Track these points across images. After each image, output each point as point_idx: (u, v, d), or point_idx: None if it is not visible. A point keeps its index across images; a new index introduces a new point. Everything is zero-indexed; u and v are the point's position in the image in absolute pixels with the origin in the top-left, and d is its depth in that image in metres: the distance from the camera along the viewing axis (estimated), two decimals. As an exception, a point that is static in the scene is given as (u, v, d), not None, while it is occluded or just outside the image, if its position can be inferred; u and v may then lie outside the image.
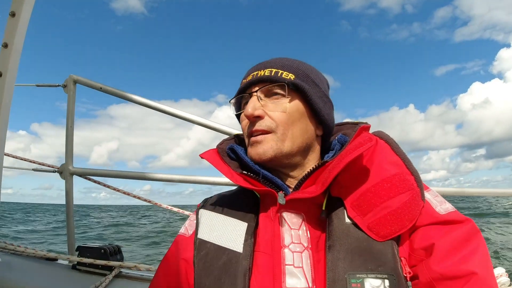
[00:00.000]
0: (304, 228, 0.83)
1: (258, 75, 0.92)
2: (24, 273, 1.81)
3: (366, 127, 0.90)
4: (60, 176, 2.09)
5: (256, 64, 0.98)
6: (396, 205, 0.77)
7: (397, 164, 0.84)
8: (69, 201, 2.06)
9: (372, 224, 0.77)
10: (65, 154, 2.09)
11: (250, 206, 0.90)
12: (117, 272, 1.79)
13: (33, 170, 2.29)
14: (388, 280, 0.71)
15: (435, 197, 0.84)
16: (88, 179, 2.13)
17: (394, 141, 0.90)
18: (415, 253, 0.77)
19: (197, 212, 0.98)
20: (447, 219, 0.78)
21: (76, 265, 1.86)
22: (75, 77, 2.12)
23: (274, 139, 0.88)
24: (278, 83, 0.89)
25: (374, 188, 0.80)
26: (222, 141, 1.03)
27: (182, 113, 2.08)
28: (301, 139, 0.90)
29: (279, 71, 0.91)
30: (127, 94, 2.11)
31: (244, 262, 0.80)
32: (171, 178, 2.02)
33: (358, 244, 0.76)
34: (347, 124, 1.01)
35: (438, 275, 0.71)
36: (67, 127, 2.10)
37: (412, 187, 0.80)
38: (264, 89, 0.91)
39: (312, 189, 0.83)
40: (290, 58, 0.97)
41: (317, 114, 0.92)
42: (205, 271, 0.83)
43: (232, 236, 0.86)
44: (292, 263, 0.79)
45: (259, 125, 0.89)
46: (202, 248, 0.87)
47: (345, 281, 0.71)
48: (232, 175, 0.89)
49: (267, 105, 0.90)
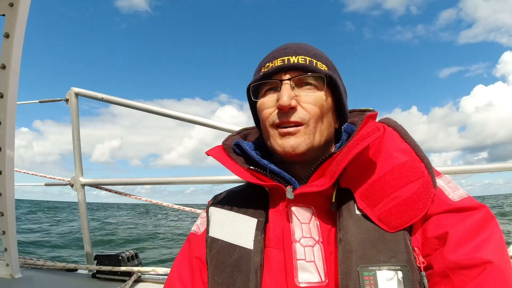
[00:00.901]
0: (314, 222, 0.82)
1: (290, 61, 0.86)
2: (45, 286, 1.85)
3: (373, 115, 0.88)
4: (71, 189, 2.13)
5: (281, 47, 0.92)
6: (407, 195, 0.75)
7: (406, 151, 0.81)
8: (82, 212, 2.09)
9: (383, 215, 0.75)
10: (75, 167, 2.12)
11: (259, 201, 0.90)
12: (136, 277, 1.83)
13: (45, 185, 2.34)
14: (401, 271, 0.69)
15: (447, 183, 0.82)
16: (100, 188, 2.17)
17: (403, 127, 0.87)
18: (428, 242, 0.75)
19: (208, 209, 0.97)
20: (461, 206, 0.76)
21: (96, 273, 1.91)
22: (76, 90, 2.14)
23: (306, 133, 0.84)
24: (315, 74, 0.85)
25: (383, 178, 0.78)
26: (228, 137, 1.01)
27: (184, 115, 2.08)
28: (327, 132, 0.88)
29: (313, 61, 0.86)
30: (128, 102, 2.13)
31: (256, 258, 0.80)
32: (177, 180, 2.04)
33: (369, 235, 0.74)
34: (354, 112, 0.98)
35: (452, 264, 0.69)
36: (73, 140, 2.13)
37: (423, 175, 0.77)
38: (297, 79, 0.85)
39: (321, 182, 0.81)
40: (311, 46, 0.92)
41: (340, 109, 0.91)
42: (217, 268, 0.83)
43: (242, 232, 0.85)
44: (304, 258, 0.78)
45: (293, 117, 0.84)
46: (214, 246, 0.87)
47: (358, 274, 0.70)
48: (239, 171, 0.89)
49: (300, 96, 0.85)
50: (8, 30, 1.36)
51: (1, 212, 1.70)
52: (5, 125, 1.52)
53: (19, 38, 1.39)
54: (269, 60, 0.89)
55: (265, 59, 0.92)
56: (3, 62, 1.41)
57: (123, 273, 1.84)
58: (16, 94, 1.50)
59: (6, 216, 1.70)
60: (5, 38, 1.37)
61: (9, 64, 1.41)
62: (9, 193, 1.68)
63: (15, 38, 1.37)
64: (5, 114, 1.50)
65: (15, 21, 1.34)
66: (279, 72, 0.86)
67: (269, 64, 0.88)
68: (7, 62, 1.41)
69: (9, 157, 1.60)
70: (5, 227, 1.72)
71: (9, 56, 1.39)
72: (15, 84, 1.47)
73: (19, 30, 1.37)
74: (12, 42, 1.37)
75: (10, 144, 1.59)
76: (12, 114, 1.53)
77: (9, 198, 1.69)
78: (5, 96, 1.47)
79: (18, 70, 1.46)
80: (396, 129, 0.87)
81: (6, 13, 1.35)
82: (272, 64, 0.88)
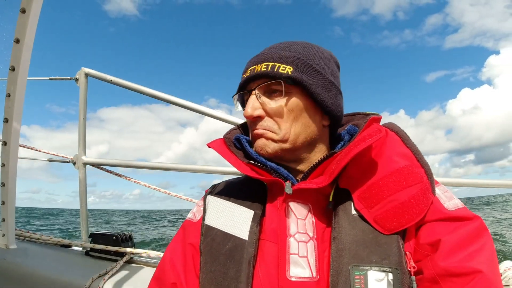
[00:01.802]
0: (310, 218, 0.82)
1: (255, 70, 0.88)
2: (39, 259, 1.89)
3: (377, 119, 0.88)
4: (73, 166, 2.17)
5: (254, 56, 0.94)
6: (404, 198, 0.76)
7: (407, 156, 0.82)
8: (82, 190, 2.12)
9: (379, 217, 0.76)
10: (78, 145, 2.16)
11: (257, 194, 0.91)
12: (128, 258, 1.85)
13: (47, 161, 2.38)
14: (392, 273, 0.70)
15: (444, 192, 0.82)
16: (101, 168, 2.20)
17: (405, 133, 0.88)
18: (420, 248, 0.76)
19: (205, 198, 0.99)
20: (455, 215, 0.76)
21: (89, 251, 1.94)
22: (87, 70, 2.17)
23: (274, 137, 0.87)
24: (275, 80, 0.86)
25: (382, 180, 0.79)
26: (230, 130, 1.03)
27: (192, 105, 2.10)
28: (304, 134, 0.89)
29: (276, 65, 0.86)
30: (137, 86, 2.15)
31: (249, 249, 0.81)
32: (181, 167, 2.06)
33: (364, 236, 0.75)
34: (358, 115, 0.99)
35: (443, 271, 0.70)
36: (80, 119, 2.16)
37: (422, 180, 0.78)
38: (263, 87, 0.88)
39: (320, 180, 0.82)
40: (290, 43, 0.93)
41: (321, 105, 0.89)
42: (211, 256, 0.84)
43: (238, 223, 0.86)
44: (297, 253, 0.79)
45: (260, 125, 0.88)
46: (209, 234, 0.88)
47: (349, 273, 0.71)
48: (239, 165, 0.89)
49: (267, 104, 0.88)
50: (25, 6, 1.39)
51: (3, 183, 1.74)
52: (14, 98, 1.56)
53: (35, 14, 1.42)
54: (244, 71, 0.93)
55: (244, 67, 0.95)
56: (18, 36, 1.44)
57: (116, 253, 1.86)
58: (27, 68, 1.54)
59: (7, 187, 1.73)
60: (21, 13, 1.39)
61: (23, 39, 1.44)
62: (12, 164, 1.71)
63: (31, 14, 1.40)
64: (15, 87, 1.53)
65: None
66: (248, 82, 0.91)
67: (243, 75, 0.92)
68: (21, 36, 1.44)
69: (15, 130, 1.64)
70: (5, 198, 1.76)
71: (24, 31, 1.42)
72: (28, 59, 1.50)
73: (36, 6, 1.40)
74: (28, 17, 1.40)
75: (17, 117, 1.63)
76: (21, 88, 1.57)
77: (11, 169, 1.72)
78: (17, 69, 1.50)
79: (31, 45, 1.48)
80: (398, 134, 0.87)
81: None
82: (244, 74, 0.92)
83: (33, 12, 1.39)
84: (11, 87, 1.54)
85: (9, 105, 1.58)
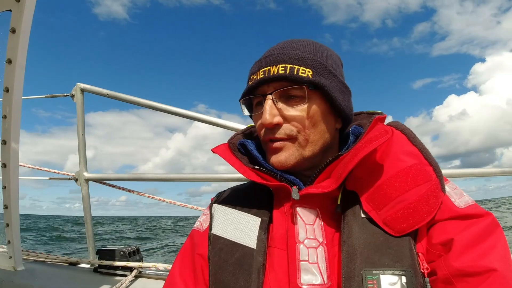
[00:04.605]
0: (319, 223, 0.80)
1: (271, 72, 0.82)
2: (47, 279, 1.88)
3: (382, 118, 0.85)
4: (75, 183, 2.15)
5: (265, 55, 0.88)
6: (413, 198, 0.73)
7: (414, 154, 0.80)
8: (86, 207, 2.11)
9: (388, 218, 0.74)
10: (79, 162, 2.15)
11: (263, 200, 0.88)
12: (137, 272, 1.84)
13: (49, 179, 2.36)
14: (405, 276, 0.68)
15: (454, 190, 0.80)
16: (104, 183, 2.19)
17: (411, 131, 0.85)
18: (433, 248, 0.74)
19: (211, 206, 0.96)
20: (467, 213, 0.75)
21: (97, 268, 1.93)
22: (82, 86, 2.17)
23: (295, 146, 0.83)
24: (297, 85, 0.81)
25: (389, 181, 0.77)
26: (234, 135, 1.00)
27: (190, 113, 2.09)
28: (322, 140, 0.86)
29: (295, 67, 0.81)
30: (133, 98, 2.15)
31: (258, 257, 0.79)
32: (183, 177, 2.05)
33: (374, 239, 0.73)
34: (362, 114, 0.96)
35: (456, 271, 0.68)
36: (79, 135, 2.15)
37: (430, 179, 0.75)
38: (281, 91, 0.83)
39: (327, 184, 0.79)
40: (300, 42, 0.88)
41: (338, 110, 0.87)
42: (219, 267, 0.82)
43: (246, 231, 0.84)
44: (307, 259, 0.76)
45: (278, 133, 0.83)
46: (216, 244, 0.86)
47: (361, 278, 0.68)
48: (245, 170, 0.87)
49: (285, 110, 0.83)
50: (15, 25, 1.38)
51: (5, 205, 1.72)
52: (11, 119, 1.54)
53: (25, 33, 1.40)
54: (254, 72, 0.86)
55: (252, 68, 0.89)
56: (9, 57, 1.43)
57: (124, 268, 1.85)
58: (21, 88, 1.52)
59: (10, 209, 1.72)
60: (12, 33, 1.38)
61: (15, 59, 1.42)
62: (13, 186, 1.70)
63: (22, 33, 1.38)
64: (11, 108, 1.52)
65: (22, 17, 1.36)
66: (261, 85, 0.84)
67: (253, 76, 0.86)
68: (13, 57, 1.42)
69: (13, 151, 1.62)
70: (8, 220, 1.74)
71: (16, 51, 1.41)
72: (21, 79, 1.49)
73: (26, 25, 1.38)
74: (19, 37, 1.38)
75: (15, 138, 1.61)
76: (17, 108, 1.55)
77: (13, 191, 1.71)
78: (11, 90, 1.48)
79: (24, 65, 1.47)
80: (404, 132, 0.85)
81: (13, 8, 1.36)
82: (255, 76, 0.85)
83: (23, 31, 1.38)
84: (7, 109, 1.53)
85: (6, 127, 1.56)
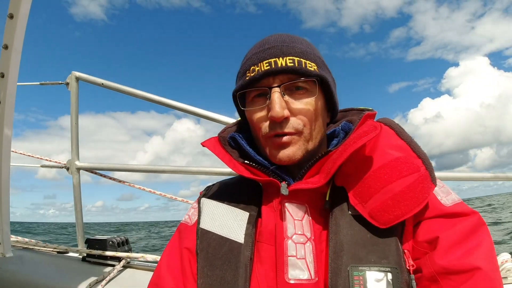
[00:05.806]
0: (307, 219, 0.80)
1: (278, 64, 0.80)
2: (36, 266, 1.87)
3: (372, 114, 0.85)
4: (67, 172, 2.15)
5: (265, 45, 0.85)
6: (398, 189, 0.73)
7: (402, 148, 0.79)
8: (76, 195, 2.11)
9: (374, 211, 0.74)
10: (71, 150, 2.14)
11: (252, 195, 0.89)
12: (125, 262, 1.85)
13: (41, 167, 2.35)
14: (391, 273, 0.68)
15: (441, 188, 0.80)
16: (95, 173, 2.18)
17: (399, 126, 0.85)
18: (419, 246, 0.74)
19: (199, 200, 0.96)
20: (453, 211, 0.75)
21: (86, 257, 1.93)
22: (77, 74, 2.15)
23: (302, 140, 0.83)
24: (306, 78, 0.81)
25: (374, 173, 0.77)
26: (224, 129, 1.00)
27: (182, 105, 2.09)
28: (321, 134, 0.87)
29: (302, 61, 0.81)
30: (128, 89, 2.14)
31: (246, 252, 0.79)
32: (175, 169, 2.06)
33: (361, 236, 0.74)
34: (352, 111, 0.96)
35: (441, 269, 0.68)
36: (72, 124, 2.14)
37: (418, 170, 0.75)
38: (287, 84, 0.81)
39: (316, 180, 0.80)
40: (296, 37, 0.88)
41: (333, 104, 0.89)
42: (207, 261, 0.82)
43: (234, 226, 0.84)
44: (295, 254, 0.77)
45: (287, 127, 0.81)
46: (204, 238, 0.86)
47: (348, 274, 0.69)
48: (234, 165, 0.87)
49: (291, 103, 0.82)
50: (13, 11, 1.37)
51: (-4, 191, 1.72)
52: (5, 104, 1.53)
53: (23, 19, 1.40)
54: (254, 63, 0.83)
55: (249, 60, 0.86)
56: (6, 42, 1.42)
57: (113, 258, 1.86)
58: (16, 74, 1.52)
59: (1, 195, 1.71)
60: (9, 18, 1.38)
61: (12, 44, 1.42)
62: (4, 171, 1.69)
63: (19, 19, 1.38)
64: (5, 94, 1.51)
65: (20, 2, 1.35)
66: (266, 77, 0.81)
67: (255, 68, 0.83)
68: (10, 42, 1.42)
69: (6, 136, 1.62)
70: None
71: (12, 36, 1.40)
72: (17, 65, 1.49)
73: (23, 11, 1.38)
74: (16, 22, 1.38)
75: (8, 124, 1.60)
76: (12, 94, 1.54)
77: (4, 177, 1.70)
78: (6, 76, 1.48)
79: (20, 51, 1.46)
80: (392, 127, 0.85)
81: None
82: (258, 67, 0.82)
83: (21, 16, 1.38)
84: (1, 94, 1.52)
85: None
